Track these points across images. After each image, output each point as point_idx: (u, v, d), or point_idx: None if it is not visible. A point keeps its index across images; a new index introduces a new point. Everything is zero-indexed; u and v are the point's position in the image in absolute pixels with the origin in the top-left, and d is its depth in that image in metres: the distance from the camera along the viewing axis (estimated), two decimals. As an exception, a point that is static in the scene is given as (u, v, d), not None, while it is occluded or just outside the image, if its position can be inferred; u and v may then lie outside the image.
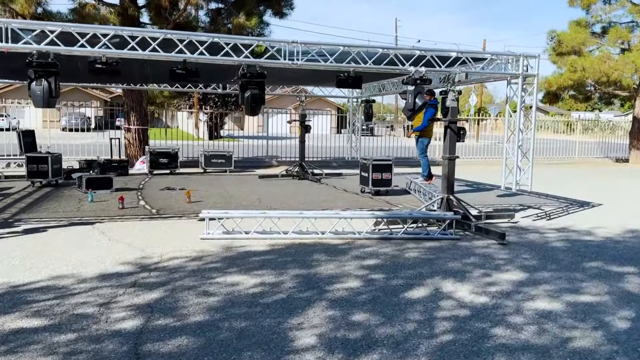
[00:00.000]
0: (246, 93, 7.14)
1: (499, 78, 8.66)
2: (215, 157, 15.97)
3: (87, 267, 5.48)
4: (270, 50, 7.12)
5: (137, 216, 8.42)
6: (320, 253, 6.34)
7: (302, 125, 14.48)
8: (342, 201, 10.50)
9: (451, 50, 7.87)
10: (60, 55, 6.52)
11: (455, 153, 8.10)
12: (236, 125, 51.66)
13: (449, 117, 7.93)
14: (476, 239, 7.37)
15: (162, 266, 5.62)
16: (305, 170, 14.34)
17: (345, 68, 7.64)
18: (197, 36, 6.88)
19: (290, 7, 16.18)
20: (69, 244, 6.40)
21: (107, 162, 14.45)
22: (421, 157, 11.23)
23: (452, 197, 8.10)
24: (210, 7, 16.38)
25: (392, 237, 7.23)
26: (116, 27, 6.77)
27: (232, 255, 6.16)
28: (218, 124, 33.54)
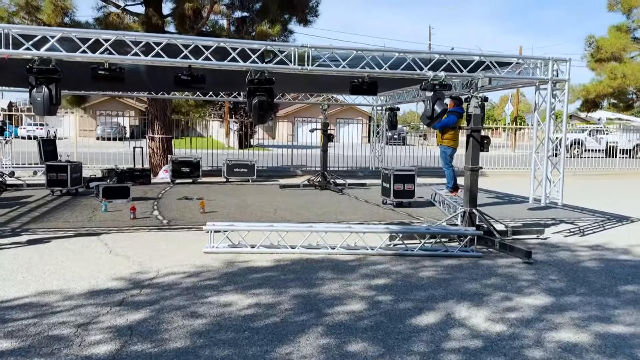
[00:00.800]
0: (253, 100, 6.81)
1: (526, 83, 8.09)
2: (238, 166, 15.76)
3: (78, 282, 5.22)
4: (279, 55, 6.78)
5: (146, 227, 8.19)
6: (326, 270, 5.92)
7: (325, 134, 14.11)
8: (360, 213, 10.05)
9: (473, 54, 7.36)
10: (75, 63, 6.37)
11: (478, 163, 7.57)
12: (267, 134, 51.84)
13: (471, 125, 7.41)
14: (500, 256, 6.81)
15: (156, 282, 5.30)
16: (327, 180, 13.95)
17: (359, 73, 7.24)
18: (202, 41, 6.60)
19: (314, 15, 15.90)
20: (67, 257, 6.18)
21: (130, 170, 14.42)
22: (445, 167, 10.68)
23: (475, 210, 7.55)
24: (235, 16, 16.29)
25: (407, 253, 6.74)
26: (117, 32, 6.55)
27: (232, 271, 5.80)
28: (248, 132, 33.57)
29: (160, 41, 6.36)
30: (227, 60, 6.70)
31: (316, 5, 15.68)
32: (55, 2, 13.92)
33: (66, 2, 14.24)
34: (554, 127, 7.72)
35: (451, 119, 10.05)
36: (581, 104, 21.84)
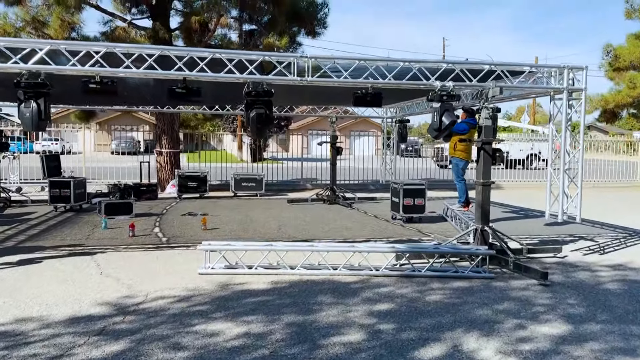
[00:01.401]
0: (251, 113, 6.51)
1: (540, 93, 7.68)
2: (246, 180, 15.48)
3: (60, 308, 4.92)
4: (278, 67, 6.47)
5: (144, 245, 7.89)
6: (326, 294, 5.54)
7: (333, 147, 13.77)
8: (368, 229, 9.66)
9: (483, 63, 6.98)
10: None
11: (490, 177, 7.15)
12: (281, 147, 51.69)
13: (482, 137, 7.02)
14: (514, 277, 6.36)
15: (143, 308, 4.98)
16: (336, 194, 13.58)
17: (362, 84, 6.90)
18: (197, 52, 6.33)
19: (323, 27, 15.66)
20: (55, 279, 5.90)
21: (136, 186, 14.22)
22: (457, 181, 10.24)
23: (487, 228, 7.12)
24: (245, 29, 16.11)
25: (414, 274, 6.33)
26: (107, 43, 6.34)
27: (225, 294, 5.45)
28: (260, 146, 33.44)
29: (152, 53, 6.10)
30: (224, 72, 6.41)
31: (324, 17, 15.45)
32: (62, 17, 13.88)
33: (73, 17, 14.20)
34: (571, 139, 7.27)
35: (461, 126, 9.58)
36: (600, 115, 21.21)
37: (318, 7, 15.35)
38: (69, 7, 13.80)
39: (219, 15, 13.91)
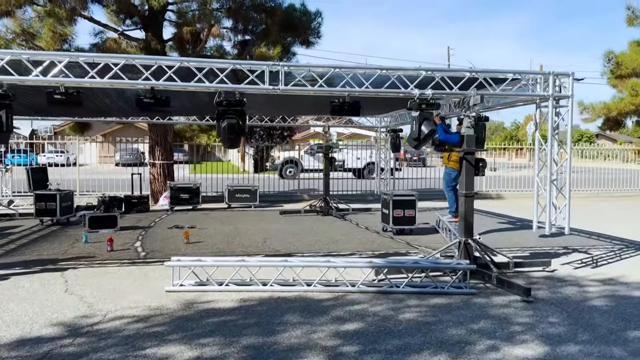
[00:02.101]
0: (222, 123, 6.29)
1: (525, 101, 7.39)
2: (240, 191, 15.26)
3: (11, 329, 4.69)
4: (249, 76, 6.26)
5: (119, 261, 7.67)
6: (294, 312, 5.28)
7: (327, 158, 13.54)
8: (356, 242, 9.38)
9: (464, 70, 6.74)
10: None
11: (473, 188, 6.87)
12: (287, 157, 51.49)
13: (464, 147, 6.75)
14: (497, 293, 6.06)
15: (97, 329, 4.74)
16: (329, 205, 13.31)
17: (339, 93, 6.66)
18: (165, 61, 6.14)
19: (317, 36, 15.48)
20: (16, 297, 5.69)
21: (128, 198, 14.06)
22: (446, 190, 9.91)
23: (471, 241, 6.83)
24: (238, 39, 15.97)
25: (392, 290, 6.05)
26: (70, 53, 6.16)
27: (187, 314, 5.21)
28: (263, 157, 33.30)
29: (117, 62, 5.91)
30: (194, 81, 6.21)
31: (318, 26, 15.26)
32: (54, 29, 13.81)
33: (66, 29, 14.13)
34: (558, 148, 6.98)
35: (454, 137, 9.26)
36: (602, 122, 20.77)
37: (311, 16, 15.18)
38: (61, 18, 13.77)
39: (209, 25, 13.78)
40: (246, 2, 14.72)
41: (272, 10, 14.87)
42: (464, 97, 6.69)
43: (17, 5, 12.63)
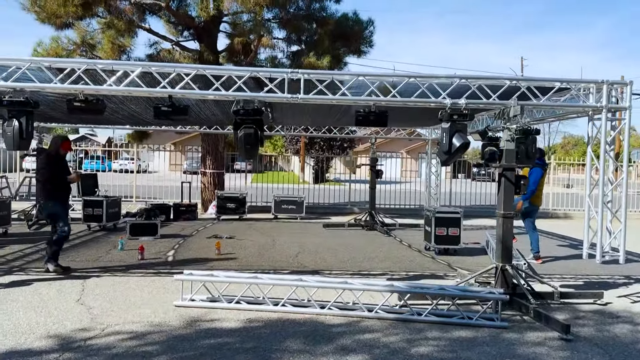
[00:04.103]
0: (239, 132, 6.04)
1: (576, 112, 6.61)
2: (287, 202, 15.08)
3: (6, 339, 4.63)
4: (268, 84, 5.98)
5: (145, 270, 7.61)
6: (298, 338, 4.88)
7: (373, 170, 13.06)
8: (391, 261, 8.84)
9: (503, 77, 6.10)
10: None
11: (511, 209, 6.19)
12: (348, 168, 51.20)
13: (503, 162, 6.10)
14: (533, 328, 5.37)
15: (89, 344, 4.57)
16: (374, 219, 12.80)
17: (364, 102, 6.23)
18: (183, 68, 5.99)
19: (369, 45, 15.15)
20: (26, 305, 5.67)
21: (176, 205, 14.24)
22: (528, 228, 8.98)
23: (509, 267, 6.15)
24: (290, 50, 15.90)
25: (413, 318, 5.51)
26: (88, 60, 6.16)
27: (186, 333, 4.94)
28: (323, 167, 33.18)
29: (134, 69, 5.82)
30: (212, 89, 6.01)
31: (370, 35, 14.93)
32: (113, 41, 14.33)
33: (124, 40, 14.63)
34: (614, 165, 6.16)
35: (538, 173, 8.51)
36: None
37: (363, 25, 14.86)
38: (120, 30, 14.27)
39: (259, 36, 13.74)
40: (298, 12, 14.63)
41: (323, 19, 14.69)
42: (504, 108, 6.06)
43: (77, 17, 13.15)
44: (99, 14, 13.93)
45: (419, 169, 34.62)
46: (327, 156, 34.70)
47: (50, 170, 7.17)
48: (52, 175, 7.17)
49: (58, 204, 7.27)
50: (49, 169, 7.19)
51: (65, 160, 7.70)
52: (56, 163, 7.29)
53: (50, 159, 7.28)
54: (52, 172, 7.17)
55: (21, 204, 14.43)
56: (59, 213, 7.24)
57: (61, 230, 7.16)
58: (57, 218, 7.24)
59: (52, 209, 7.26)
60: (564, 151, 71.00)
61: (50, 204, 7.24)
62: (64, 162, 7.59)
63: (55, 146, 7.29)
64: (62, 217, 7.24)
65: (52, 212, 7.27)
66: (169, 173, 39.90)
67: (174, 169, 43.97)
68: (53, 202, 7.22)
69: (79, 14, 12.96)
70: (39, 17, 13.21)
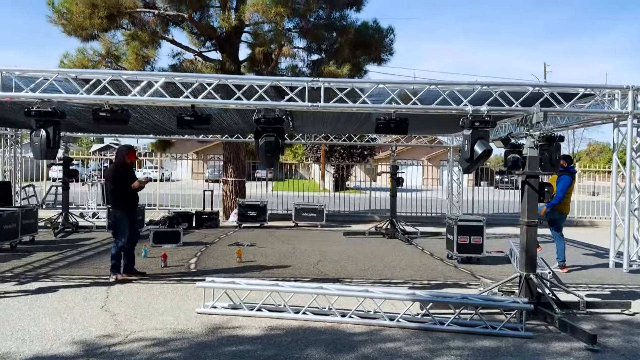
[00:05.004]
0: (260, 141, 6.09)
1: (601, 118, 6.51)
2: (307, 210, 15.11)
3: (32, 345, 4.71)
4: (289, 93, 6.02)
5: (168, 277, 7.70)
6: (319, 346, 4.87)
7: (393, 178, 13.00)
8: (412, 269, 8.77)
9: (526, 84, 6.04)
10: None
11: (536, 217, 6.10)
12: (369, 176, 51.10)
13: (526, 169, 6.02)
14: (558, 338, 5.27)
15: (112, 351, 4.64)
16: (395, 228, 12.73)
17: (384, 110, 6.23)
18: (205, 78, 6.08)
19: (389, 53, 15.14)
20: (52, 311, 5.78)
21: (199, 213, 14.38)
22: (555, 236, 8.88)
23: (533, 275, 6.05)
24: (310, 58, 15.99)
25: (435, 328, 5.45)
26: (113, 71, 6.28)
27: (207, 341, 4.98)
28: (343, 175, 33.14)
29: (157, 79, 5.93)
30: (234, 99, 6.08)
31: (390, 43, 14.92)
32: (137, 52, 14.60)
33: (148, 51, 14.89)
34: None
35: (567, 180, 8.42)
36: None
37: (384, 33, 14.86)
38: (144, 41, 14.55)
39: (280, 45, 13.85)
40: (318, 22, 14.72)
41: (343, 28, 14.75)
42: (527, 115, 5.99)
43: (102, 29, 13.43)
44: (123, 25, 14.21)
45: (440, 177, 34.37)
46: (348, 164, 34.69)
47: (117, 181, 7.28)
48: (118, 185, 7.28)
49: (122, 215, 7.34)
50: (116, 180, 7.30)
51: (132, 170, 7.76)
52: (124, 174, 7.37)
53: (118, 169, 7.39)
54: (118, 183, 7.27)
55: (48, 212, 14.73)
56: (120, 225, 7.34)
57: (118, 245, 7.30)
58: (117, 230, 7.38)
59: (115, 220, 7.41)
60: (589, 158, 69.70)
61: (116, 214, 7.38)
62: (131, 172, 7.66)
63: (121, 156, 7.39)
64: (122, 230, 7.33)
65: (115, 222, 7.42)
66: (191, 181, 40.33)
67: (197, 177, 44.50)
68: (119, 212, 7.35)
69: (104, 26, 13.24)
70: (65, 29, 13.54)
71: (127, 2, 13.34)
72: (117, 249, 7.37)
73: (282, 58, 14.94)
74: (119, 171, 7.36)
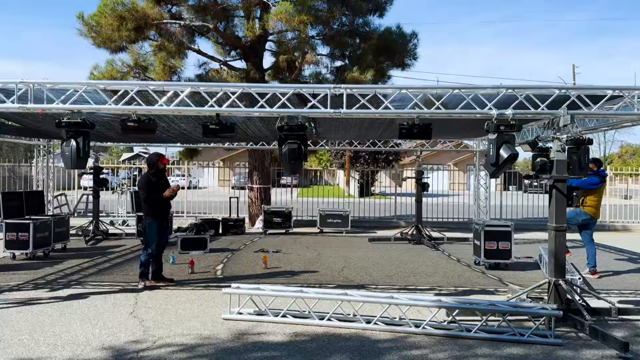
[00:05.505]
0: (284, 148, 6.13)
1: (632, 121, 6.35)
2: (332, 216, 15.10)
3: (64, 350, 4.83)
4: (312, 101, 6.07)
5: (195, 284, 7.81)
6: (344, 353, 4.86)
7: (419, 183, 12.91)
8: (439, 275, 8.69)
9: (552, 86, 5.94)
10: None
11: (564, 222, 5.99)
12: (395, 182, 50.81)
13: (553, 173, 5.92)
14: (589, 345, 5.15)
15: (142, 356, 4.73)
16: (421, 233, 12.63)
17: (407, 115, 6.21)
18: (229, 87, 6.16)
19: (413, 58, 15.10)
20: (83, 318, 5.91)
21: (225, 220, 14.53)
22: (585, 241, 8.72)
23: (562, 281, 5.93)
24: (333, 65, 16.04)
25: (462, 335, 5.39)
26: (140, 82, 6.43)
27: (234, 346, 5.02)
28: (368, 180, 33.07)
29: (183, 89, 6.04)
30: (257, 107, 6.15)
31: (414, 48, 14.88)
32: (164, 62, 14.89)
33: (175, 61, 15.17)
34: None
35: (592, 180, 8.25)
36: None
37: (407, 38, 14.83)
38: (171, 52, 14.84)
39: (303, 53, 13.94)
40: (341, 28, 14.78)
41: (366, 34, 14.80)
42: (553, 118, 5.90)
43: (130, 41, 13.75)
44: (150, 37, 14.52)
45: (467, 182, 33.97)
46: (372, 169, 34.59)
47: (149, 188, 7.41)
48: (150, 194, 7.41)
49: (152, 224, 7.48)
50: (148, 188, 7.43)
51: (165, 178, 7.86)
52: (156, 182, 7.48)
53: (151, 177, 7.53)
54: (151, 191, 7.39)
55: (79, 220, 15.10)
56: (150, 233, 7.49)
57: (147, 252, 7.46)
58: (146, 238, 7.54)
59: (145, 227, 7.56)
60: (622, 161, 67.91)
61: (147, 222, 7.54)
62: (164, 179, 7.76)
63: (153, 164, 7.52)
64: (152, 237, 7.47)
65: (145, 230, 7.57)
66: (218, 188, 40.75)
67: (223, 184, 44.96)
68: (150, 220, 7.50)
69: (132, 37, 13.56)
70: (95, 42, 13.91)
71: (153, 14, 13.65)
72: (146, 256, 7.51)
73: (305, 65, 15.01)
74: (151, 179, 7.50)
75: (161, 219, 7.63)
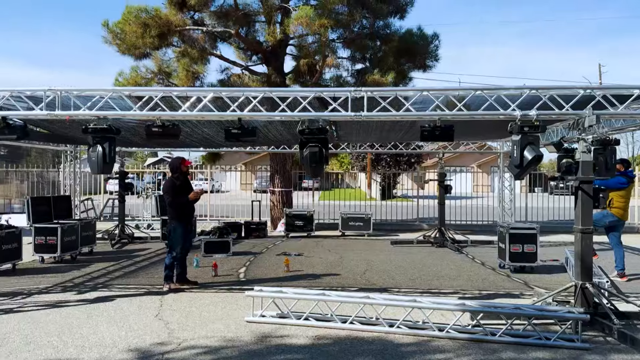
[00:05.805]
0: (305, 151, 6.16)
1: (660, 120, 6.21)
2: (353, 219, 15.08)
3: (91, 352, 4.93)
4: (332, 104, 6.08)
5: (218, 286, 7.89)
6: (366, 357, 4.85)
7: (441, 185, 12.81)
8: (464, 279, 8.60)
9: (577, 87, 5.84)
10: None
11: (591, 223, 5.87)
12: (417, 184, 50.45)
13: (579, 174, 5.82)
14: (617, 350, 5.04)
15: (166, 358, 4.79)
16: (444, 236, 12.53)
17: (429, 117, 6.18)
18: (250, 91, 6.23)
19: (434, 59, 15.01)
20: (109, 320, 6.01)
21: (247, 224, 14.63)
22: (613, 243, 8.55)
23: (589, 285, 5.82)
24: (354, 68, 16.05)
25: (486, 339, 5.33)
26: (164, 88, 6.53)
27: (257, 349, 5.05)
28: (390, 183, 32.92)
29: (206, 94, 6.12)
30: (278, 111, 6.20)
31: (435, 49, 14.80)
32: (187, 68, 15.11)
33: (197, 67, 15.38)
34: None
35: (618, 180, 8.13)
36: None
37: (428, 40, 14.75)
38: (194, 58, 15.05)
39: (324, 56, 13.98)
40: (362, 31, 14.79)
41: (387, 37, 14.78)
42: (578, 118, 5.81)
43: (154, 48, 13.98)
44: (174, 43, 14.75)
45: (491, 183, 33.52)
46: (394, 172, 34.42)
47: (174, 192, 7.53)
48: (175, 198, 7.52)
49: (177, 227, 7.58)
50: (172, 192, 7.54)
51: (189, 182, 7.95)
52: (180, 185, 7.59)
53: (175, 181, 7.64)
54: (174, 195, 7.51)
55: (105, 224, 15.37)
56: (174, 237, 7.59)
57: (172, 255, 7.58)
58: (171, 241, 7.64)
59: (170, 231, 7.66)
60: (651, 161, 66.23)
61: (172, 226, 7.65)
62: (188, 183, 7.85)
63: (176, 168, 7.63)
64: (176, 240, 7.57)
65: (170, 233, 7.66)
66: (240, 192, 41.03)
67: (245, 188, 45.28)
68: (175, 223, 7.61)
69: (155, 44, 13.79)
70: (119, 49, 14.18)
71: (176, 21, 13.86)
72: (171, 259, 7.62)
73: (326, 68, 15.05)
74: (176, 183, 7.61)
75: (185, 222, 7.74)
